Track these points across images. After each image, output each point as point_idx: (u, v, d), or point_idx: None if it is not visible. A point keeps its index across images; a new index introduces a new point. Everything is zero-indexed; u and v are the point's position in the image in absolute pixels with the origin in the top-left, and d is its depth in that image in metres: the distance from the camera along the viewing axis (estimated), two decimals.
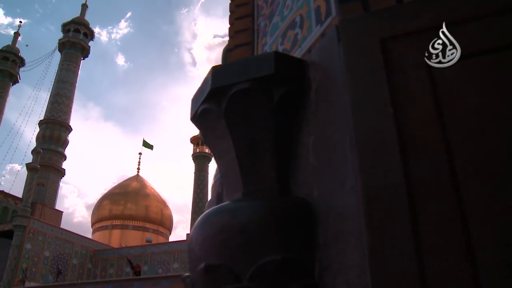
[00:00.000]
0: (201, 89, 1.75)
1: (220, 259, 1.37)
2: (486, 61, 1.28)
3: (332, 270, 1.29)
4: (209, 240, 1.43)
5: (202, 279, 1.39)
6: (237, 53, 2.56)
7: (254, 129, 1.61)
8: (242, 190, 1.59)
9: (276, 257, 1.31)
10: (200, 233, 1.50)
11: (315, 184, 1.46)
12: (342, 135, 1.38)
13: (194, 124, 1.86)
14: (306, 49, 1.88)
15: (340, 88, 1.44)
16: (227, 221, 1.43)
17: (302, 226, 1.40)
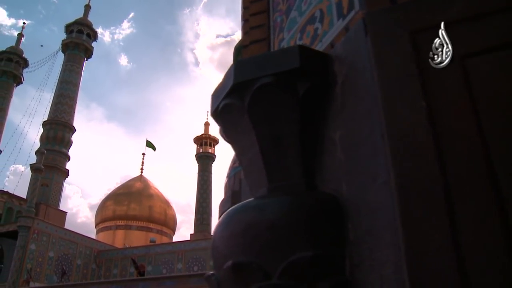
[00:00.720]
0: (223, 84, 1.72)
1: (248, 256, 1.34)
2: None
3: (365, 266, 1.26)
4: (236, 237, 1.40)
5: (230, 277, 1.36)
6: (253, 49, 2.53)
7: (279, 124, 1.58)
8: (267, 186, 1.57)
9: (307, 253, 1.28)
10: (226, 231, 1.47)
11: (344, 179, 1.43)
12: (372, 129, 1.35)
13: (214, 120, 1.84)
14: (327, 43, 1.86)
15: (368, 81, 1.41)
16: (254, 217, 1.40)
17: (331, 222, 1.37)
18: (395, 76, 1.34)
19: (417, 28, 1.36)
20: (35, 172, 36.03)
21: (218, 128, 1.84)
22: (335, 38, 1.80)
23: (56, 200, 42.13)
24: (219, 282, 1.43)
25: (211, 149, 50.90)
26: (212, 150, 50.91)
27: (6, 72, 47.77)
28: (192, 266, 33.55)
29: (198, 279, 28.28)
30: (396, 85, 1.32)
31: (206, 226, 45.62)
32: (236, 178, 2.93)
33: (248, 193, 2.07)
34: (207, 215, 46.66)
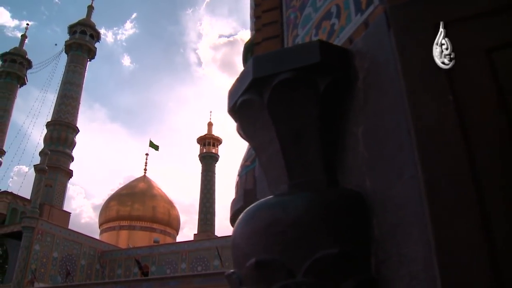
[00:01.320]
0: (241, 80, 1.70)
1: (271, 254, 1.32)
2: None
3: (392, 263, 1.24)
4: (258, 234, 1.38)
5: (252, 275, 1.34)
6: (266, 46, 2.51)
7: (299, 120, 1.56)
8: (288, 182, 1.54)
9: (332, 250, 1.26)
10: (247, 228, 1.45)
11: (367, 175, 1.41)
12: (397, 123, 1.33)
13: (231, 117, 1.82)
14: (345, 39, 1.83)
15: (392, 76, 1.39)
16: (277, 214, 1.38)
17: (355, 218, 1.35)
18: (421, 70, 1.31)
19: (442, 21, 1.34)
20: (39, 172, 36.10)
21: (235, 125, 1.83)
22: (354, 33, 1.78)
23: (60, 200, 42.21)
24: (241, 280, 1.41)
25: (215, 149, 50.92)
26: (215, 150, 50.94)
27: (10, 73, 47.89)
28: (196, 266, 33.55)
29: (202, 279, 28.30)
30: (422, 78, 1.30)
31: (209, 226, 45.63)
32: (249, 176, 2.91)
33: (264, 190, 2.05)
34: (210, 215, 46.67)
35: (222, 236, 35.54)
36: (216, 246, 32.33)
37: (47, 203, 37.84)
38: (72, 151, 44.95)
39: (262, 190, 2.08)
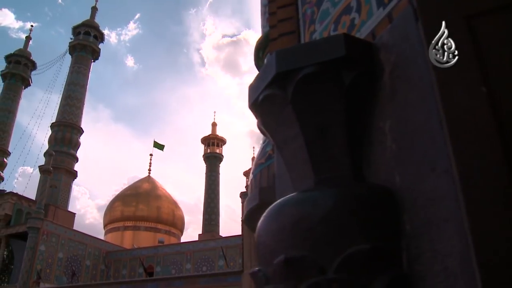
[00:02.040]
0: (263, 75, 1.68)
1: (301, 250, 1.30)
2: None
3: (425, 258, 1.21)
4: (286, 231, 1.36)
5: (281, 273, 1.31)
6: (282, 42, 2.49)
7: (324, 115, 1.54)
8: (313, 178, 1.52)
9: (364, 246, 1.24)
10: (274, 225, 1.43)
11: (396, 170, 1.38)
12: (428, 116, 1.31)
13: (253, 112, 1.80)
14: (367, 33, 1.81)
15: (421, 68, 1.37)
16: (305, 210, 1.36)
17: (386, 214, 1.33)
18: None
19: (473, 12, 1.31)
20: (44, 173, 36.20)
21: (256, 120, 1.81)
22: (377, 27, 1.75)
23: (64, 201, 42.32)
24: (267, 278, 1.38)
25: (219, 149, 50.93)
26: (219, 150, 50.95)
27: (14, 74, 48.06)
28: (201, 267, 33.56)
29: (207, 279, 28.30)
30: (453, 71, 1.28)
31: (214, 226, 45.63)
32: (263, 174, 2.89)
33: (284, 187, 2.03)
34: (215, 215, 46.67)
35: (226, 236, 35.55)
36: (221, 246, 32.34)
37: (52, 204, 37.93)
38: (76, 152, 45.05)
39: (282, 186, 2.06)
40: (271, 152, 2.90)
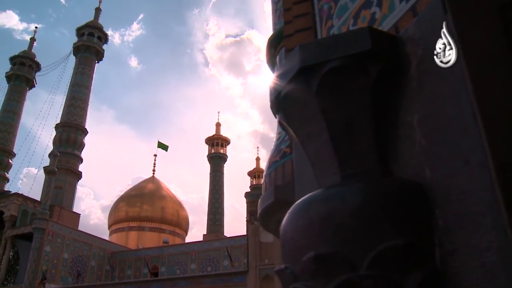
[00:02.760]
0: (285, 69, 1.66)
1: (331, 246, 1.27)
2: None
3: (461, 254, 1.19)
4: (314, 227, 1.33)
5: (310, 270, 1.29)
6: (298, 38, 2.47)
7: (350, 109, 1.51)
8: (340, 173, 1.50)
9: (397, 241, 1.21)
10: (301, 221, 1.40)
11: (427, 164, 1.35)
12: (460, 109, 1.28)
13: (275, 107, 1.77)
14: (390, 27, 1.78)
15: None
16: (334, 205, 1.33)
17: (417, 209, 1.30)
18: (485, 54, 1.26)
19: (507, 1, 1.29)
20: (48, 174, 36.32)
21: (278, 115, 1.78)
22: (400, 20, 1.73)
23: (69, 202, 42.43)
24: (295, 275, 1.36)
25: (223, 149, 50.96)
26: (223, 150, 50.97)
27: (19, 76, 48.25)
28: (206, 267, 33.57)
29: (212, 279, 28.30)
30: (486, 63, 1.25)
31: (218, 226, 45.65)
32: (278, 172, 2.87)
33: (305, 183, 2.01)
34: (219, 215, 46.69)
35: (231, 237, 35.57)
36: (226, 247, 32.34)
37: (57, 205, 38.05)
38: (81, 153, 45.17)
39: (302, 183, 2.04)
40: (286, 149, 2.87)
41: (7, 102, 47.47)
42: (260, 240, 27.38)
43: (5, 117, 46.78)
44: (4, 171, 45.63)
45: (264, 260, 26.81)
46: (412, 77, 1.49)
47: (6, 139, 46.12)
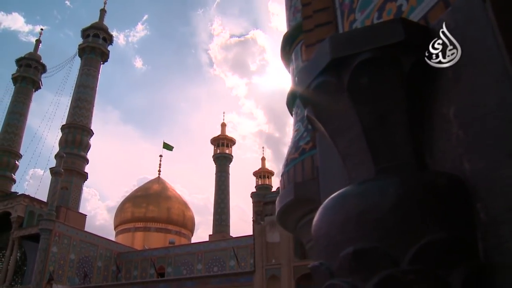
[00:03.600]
0: (314, 62, 1.62)
1: (370, 241, 1.24)
2: None
3: (505, 248, 1.15)
4: (352, 222, 1.30)
5: (349, 265, 1.26)
6: (319, 33, 2.43)
7: (384, 102, 1.48)
8: (373, 167, 1.46)
9: (440, 235, 1.18)
10: (338, 216, 1.37)
11: (465, 157, 1.32)
12: (502, 100, 1.24)
13: (302, 101, 1.74)
14: (418, 19, 1.74)
15: (492, 51, 1.30)
16: (373, 200, 1.30)
17: (458, 202, 1.27)
18: None
19: None
20: (55, 175, 36.42)
21: (306, 109, 1.75)
22: (430, 12, 1.69)
23: (75, 203, 42.52)
24: (331, 272, 1.32)
25: (228, 149, 50.93)
26: (229, 150, 50.94)
27: (25, 77, 48.44)
28: (212, 267, 33.54)
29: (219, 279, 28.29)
30: None
31: (224, 227, 45.63)
32: (297, 169, 2.83)
33: (329, 179, 1.98)
34: (225, 215, 46.68)
35: (237, 237, 35.52)
36: (232, 247, 32.31)
37: (63, 206, 38.16)
38: (87, 154, 45.27)
39: (327, 178, 2.01)
40: (305, 146, 2.84)
41: (13, 104, 47.68)
42: (266, 240, 27.35)
43: (11, 118, 46.99)
44: (11, 173, 45.83)
45: (271, 260, 26.78)
46: (447, 69, 1.45)
47: (12, 140, 46.33)
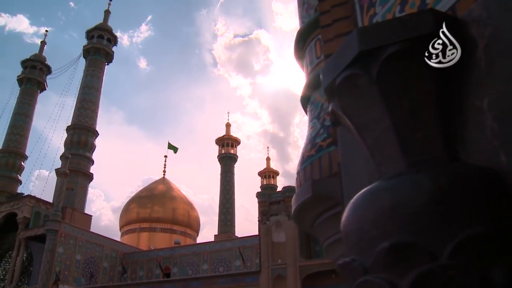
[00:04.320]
0: (341, 54, 1.59)
1: (406, 236, 1.21)
2: None
3: None
4: (387, 217, 1.27)
5: (385, 261, 1.22)
6: (337, 28, 2.40)
7: (414, 95, 1.45)
8: (404, 161, 1.43)
9: (479, 229, 1.14)
10: (371, 211, 1.34)
11: (502, 149, 1.29)
12: None
13: (327, 95, 1.71)
14: (444, 11, 1.71)
15: None
16: (407, 194, 1.27)
17: (496, 195, 1.23)
18: None
19: None
20: (60, 176, 36.56)
21: (332, 103, 1.72)
22: (458, 3, 1.65)
23: (81, 203, 42.65)
24: (365, 267, 1.29)
25: (233, 149, 50.93)
26: (234, 150, 50.94)
27: (30, 79, 48.67)
28: (218, 267, 33.54)
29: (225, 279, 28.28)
30: None
31: (229, 227, 45.64)
32: (314, 166, 2.80)
33: (352, 174, 1.95)
34: (230, 215, 46.68)
35: (243, 237, 35.51)
36: (238, 247, 32.29)
37: (69, 206, 38.28)
38: (92, 154, 45.40)
39: (350, 174, 1.98)
40: (322, 143, 2.81)
41: (19, 105, 47.90)
42: (272, 240, 27.32)
43: (17, 120, 47.21)
44: (17, 174, 46.03)
45: (277, 260, 26.75)
46: (479, 60, 1.42)
47: (18, 141, 46.54)
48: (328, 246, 2.86)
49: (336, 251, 2.87)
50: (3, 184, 43.87)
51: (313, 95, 3.22)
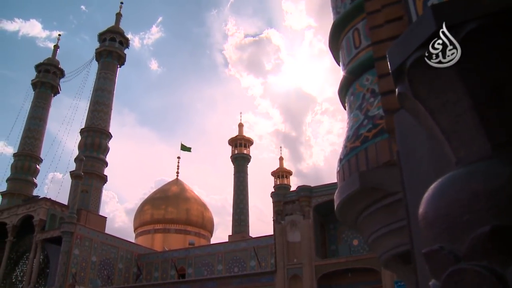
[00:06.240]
0: (412, 33, 1.51)
1: (506, 221, 1.13)
2: None
3: None
4: (482, 201, 1.19)
5: (485, 247, 1.14)
6: (387, 13, 2.32)
7: (496, 73, 1.36)
8: (489, 143, 1.35)
9: None
10: (461, 195, 1.26)
11: None
12: None
13: (395, 79, 1.63)
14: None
15: None
16: (505, 176, 1.19)
17: None
18: None
19: None
20: (75, 178, 36.86)
21: (400, 86, 1.64)
22: None
23: (95, 205, 42.96)
24: (456, 255, 1.21)
25: (246, 150, 50.89)
26: (247, 151, 50.90)
27: (44, 83, 49.19)
28: (232, 267, 33.52)
29: (240, 279, 28.27)
30: None
31: (243, 227, 45.62)
32: (360, 157, 2.72)
33: (416, 162, 1.87)
34: (244, 216, 46.66)
35: (257, 237, 35.47)
36: (253, 247, 32.24)
37: (83, 209, 38.60)
38: (106, 157, 45.71)
39: (413, 162, 1.89)
40: (367, 134, 2.73)
41: (33, 109, 48.45)
42: (287, 239, 27.24)
43: (32, 123, 47.76)
44: (32, 177, 46.55)
45: (292, 259, 26.67)
46: None
47: (33, 145, 47.07)
48: (375, 240, 2.78)
49: (385, 245, 2.78)
50: (19, 187, 44.43)
51: (352, 86, 3.14)
